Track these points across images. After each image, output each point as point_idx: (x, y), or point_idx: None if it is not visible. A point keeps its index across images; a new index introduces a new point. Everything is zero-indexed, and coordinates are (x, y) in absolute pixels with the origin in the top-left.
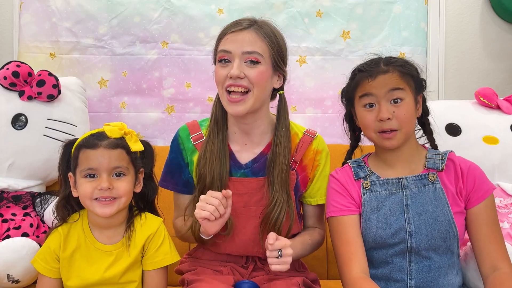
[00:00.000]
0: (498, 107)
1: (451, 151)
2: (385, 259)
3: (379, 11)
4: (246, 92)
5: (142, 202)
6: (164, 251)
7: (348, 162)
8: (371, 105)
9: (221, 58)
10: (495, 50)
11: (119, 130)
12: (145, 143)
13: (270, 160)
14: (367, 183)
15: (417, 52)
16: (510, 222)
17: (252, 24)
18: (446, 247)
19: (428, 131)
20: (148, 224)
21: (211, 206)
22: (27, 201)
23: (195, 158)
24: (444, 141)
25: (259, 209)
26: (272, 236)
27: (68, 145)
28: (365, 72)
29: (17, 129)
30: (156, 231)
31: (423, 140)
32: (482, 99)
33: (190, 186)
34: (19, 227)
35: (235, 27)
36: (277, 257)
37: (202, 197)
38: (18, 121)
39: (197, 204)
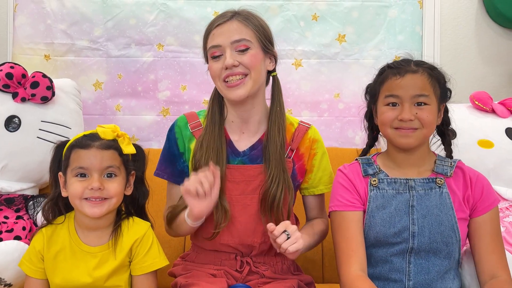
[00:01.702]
0: (493, 111)
1: (459, 160)
2: (384, 258)
3: (374, 15)
4: (245, 76)
5: (133, 207)
6: (152, 255)
7: (357, 159)
8: (394, 104)
9: (213, 55)
10: (490, 54)
11: (112, 132)
12: (137, 147)
13: (266, 139)
14: (375, 180)
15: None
16: (505, 226)
17: (234, 14)
18: (448, 252)
19: (447, 142)
20: (135, 228)
21: (196, 178)
22: (19, 204)
23: (192, 145)
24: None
25: (255, 197)
26: (269, 224)
27: (60, 146)
28: (394, 69)
29: (10, 131)
30: (144, 235)
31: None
32: (477, 102)
33: (185, 176)
34: (11, 230)
35: (219, 20)
36: (287, 240)
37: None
38: (12, 123)
39: (185, 181)
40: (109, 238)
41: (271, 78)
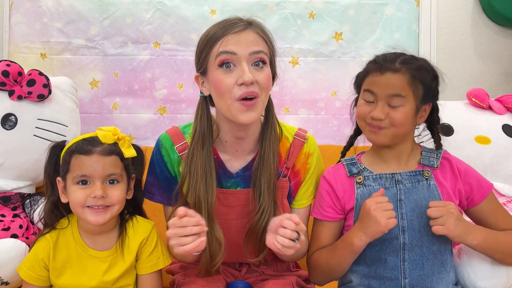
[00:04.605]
0: (489, 108)
1: (445, 150)
2: (378, 257)
3: (371, 13)
4: (255, 97)
5: (131, 207)
6: (157, 255)
7: (341, 161)
8: (369, 101)
9: (223, 61)
10: (486, 52)
11: (112, 136)
12: (136, 148)
13: (257, 166)
14: (360, 178)
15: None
16: None
17: (249, 24)
18: (440, 244)
19: (436, 138)
20: (141, 229)
21: (187, 231)
22: (16, 202)
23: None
24: None
25: (251, 220)
26: (293, 216)
27: (56, 147)
28: (377, 64)
29: (7, 129)
30: (149, 235)
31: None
32: (474, 99)
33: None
34: (8, 229)
35: (234, 28)
36: (293, 240)
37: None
38: (8, 121)
39: (171, 243)
40: (115, 242)
41: None
